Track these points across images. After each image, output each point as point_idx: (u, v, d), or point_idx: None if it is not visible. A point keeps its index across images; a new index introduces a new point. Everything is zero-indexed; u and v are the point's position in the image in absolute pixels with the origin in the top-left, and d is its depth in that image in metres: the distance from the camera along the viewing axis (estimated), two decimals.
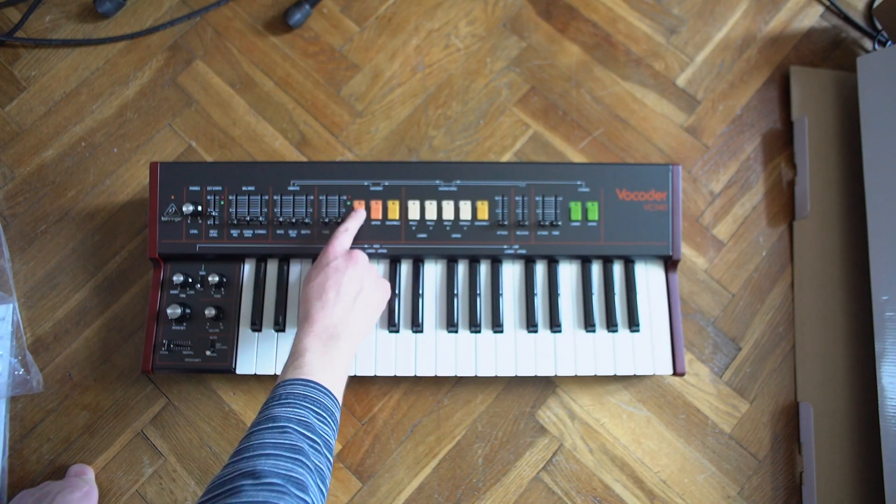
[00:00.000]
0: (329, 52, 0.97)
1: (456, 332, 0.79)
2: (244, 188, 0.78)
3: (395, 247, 0.78)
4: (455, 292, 0.79)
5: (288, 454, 0.52)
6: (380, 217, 0.78)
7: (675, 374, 0.78)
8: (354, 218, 0.76)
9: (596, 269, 0.81)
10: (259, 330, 0.78)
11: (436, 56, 0.97)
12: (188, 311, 0.77)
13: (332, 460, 0.58)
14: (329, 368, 0.62)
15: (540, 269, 0.81)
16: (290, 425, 0.55)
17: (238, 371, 0.77)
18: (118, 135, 0.92)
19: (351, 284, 0.68)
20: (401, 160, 0.92)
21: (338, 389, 0.62)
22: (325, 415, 0.58)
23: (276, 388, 0.60)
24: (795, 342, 0.86)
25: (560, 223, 0.78)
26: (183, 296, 0.78)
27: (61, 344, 0.84)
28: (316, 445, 0.55)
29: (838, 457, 0.80)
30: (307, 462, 0.53)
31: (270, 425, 0.55)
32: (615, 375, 0.80)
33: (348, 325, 0.67)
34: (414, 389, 0.83)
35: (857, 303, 0.85)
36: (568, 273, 0.81)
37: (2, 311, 0.83)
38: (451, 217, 0.78)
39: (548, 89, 0.95)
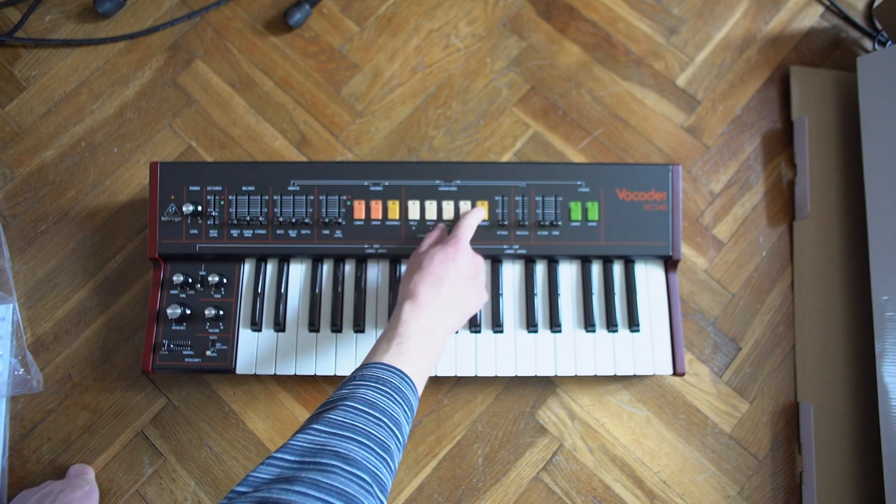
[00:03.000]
0: (329, 52, 0.97)
1: (456, 332, 0.79)
2: (244, 188, 0.78)
3: (395, 247, 0.78)
4: None
5: (378, 451, 0.52)
6: (380, 217, 0.78)
7: (675, 374, 0.78)
8: (479, 213, 0.77)
9: (596, 269, 0.81)
10: (259, 330, 0.78)
11: (436, 56, 0.97)
12: (188, 311, 0.77)
13: None
14: (420, 363, 0.62)
15: (540, 269, 0.81)
16: (385, 420, 0.54)
17: (238, 371, 0.77)
18: (118, 135, 0.92)
19: (463, 288, 0.69)
20: (401, 160, 0.92)
21: (422, 389, 0.62)
22: (410, 415, 0.58)
23: (372, 366, 0.59)
24: (795, 342, 0.86)
25: (560, 223, 0.78)
26: (183, 296, 0.78)
27: (61, 344, 0.84)
28: (399, 445, 0.55)
29: (838, 457, 0.80)
30: (391, 463, 0.53)
31: (367, 410, 0.54)
32: (615, 375, 0.80)
33: (445, 324, 0.66)
34: None
35: (857, 303, 0.85)
36: (568, 273, 0.81)
37: (2, 311, 0.83)
38: (452, 217, 0.78)
39: (548, 89, 0.95)
